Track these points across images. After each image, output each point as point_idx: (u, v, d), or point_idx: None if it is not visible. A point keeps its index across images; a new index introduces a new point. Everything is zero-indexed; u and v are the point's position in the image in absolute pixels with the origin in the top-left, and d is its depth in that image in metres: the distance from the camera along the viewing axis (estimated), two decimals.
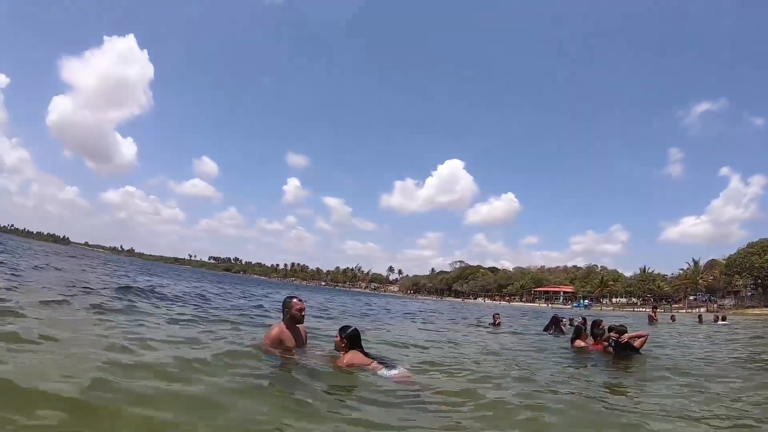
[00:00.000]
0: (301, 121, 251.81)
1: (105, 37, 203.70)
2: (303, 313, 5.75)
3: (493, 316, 16.31)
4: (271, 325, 6.19)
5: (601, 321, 9.32)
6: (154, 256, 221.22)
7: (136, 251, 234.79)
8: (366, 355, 5.40)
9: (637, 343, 8.09)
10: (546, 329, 14.01)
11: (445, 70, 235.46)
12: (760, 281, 68.23)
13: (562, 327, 13.66)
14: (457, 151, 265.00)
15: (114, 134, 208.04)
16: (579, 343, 9.16)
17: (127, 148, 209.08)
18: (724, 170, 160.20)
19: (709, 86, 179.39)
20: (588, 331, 9.40)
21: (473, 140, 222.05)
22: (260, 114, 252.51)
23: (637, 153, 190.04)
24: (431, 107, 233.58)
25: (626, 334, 7.95)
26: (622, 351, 7.91)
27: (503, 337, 12.50)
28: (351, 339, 5.40)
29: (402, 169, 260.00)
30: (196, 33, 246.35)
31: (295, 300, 5.76)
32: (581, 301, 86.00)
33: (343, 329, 5.54)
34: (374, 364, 5.24)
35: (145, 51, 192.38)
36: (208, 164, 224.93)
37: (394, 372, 5.12)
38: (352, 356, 5.27)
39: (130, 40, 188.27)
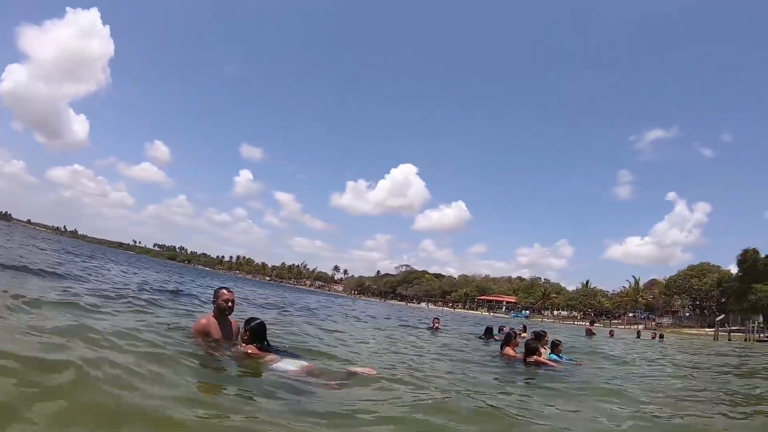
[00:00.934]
0: (259, 113, 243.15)
1: (68, 8, 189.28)
2: (230, 305, 5.51)
3: (432, 320, 16.46)
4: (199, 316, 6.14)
5: (545, 334, 9.89)
6: (97, 239, 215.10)
7: (79, 233, 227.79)
8: (267, 348, 5.14)
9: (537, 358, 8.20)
10: (482, 336, 14.06)
11: (407, 76, 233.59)
12: (697, 303, 70.18)
13: (495, 337, 13.66)
14: (412, 156, 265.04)
15: (67, 110, 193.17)
16: (508, 350, 9.05)
17: (80, 126, 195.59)
18: (671, 195, 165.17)
19: (664, 114, 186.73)
20: (518, 339, 9.62)
21: (428, 147, 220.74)
22: (218, 102, 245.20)
23: (588, 172, 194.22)
24: (389, 111, 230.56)
25: (535, 357, 8.16)
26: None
27: (435, 340, 12.77)
28: (253, 332, 5.11)
29: (356, 169, 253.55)
30: (161, 14, 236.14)
31: (223, 290, 5.59)
32: (522, 311, 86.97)
33: (247, 321, 5.26)
34: (269, 357, 5.01)
35: (108, 27, 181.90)
36: (161, 149, 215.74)
37: (290, 368, 4.80)
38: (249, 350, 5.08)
39: (93, 14, 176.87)
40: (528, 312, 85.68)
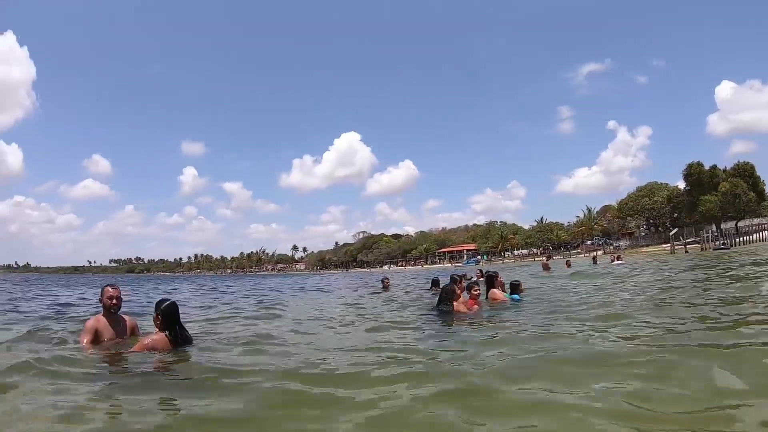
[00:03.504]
0: (194, 108, 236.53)
1: None
2: (114, 302, 5.25)
3: (382, 281, 16.46)
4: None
5: (497, 273, 9.80)
6: (51, 268, 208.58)
7: (32, 266, 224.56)
8: (179, 335, 4.87)
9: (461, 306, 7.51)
10: (429, 289, 13.76)
11: (331, 43, 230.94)
12: (651, 221, 71.21)
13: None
14: (353, 124, 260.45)
15: None
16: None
17: (13, 156, 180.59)
18: (612, 124, 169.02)
19: (595, 48, 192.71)
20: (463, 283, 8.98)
21: (367, 112, 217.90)
22: (150, 104, 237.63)
23: (528, 112, 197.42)
24: (322, 81, 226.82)
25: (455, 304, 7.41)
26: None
27: (376, 298, 12.92)
28: (165, 315, 4.82)
29: (299, 146, 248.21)
30: (78, 24, 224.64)
31: (108, 288, 5.34)
32: (473, 257, 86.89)
33: (158, 304, 4.95)
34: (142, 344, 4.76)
35: (25, 48, 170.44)
36: (100, 162, 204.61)
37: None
38: (155, 341, 4.71)
39: (8, 37, 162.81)
40: (479, 257, 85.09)
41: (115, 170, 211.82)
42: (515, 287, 9.27)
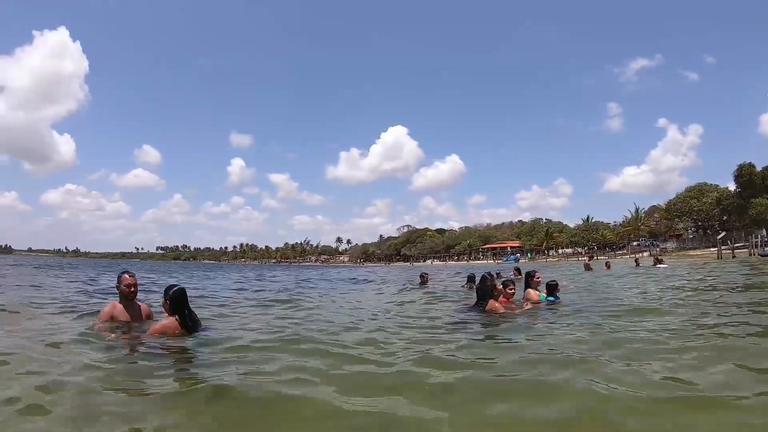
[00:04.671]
0: (243, 100, 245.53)
1: (34, 32, 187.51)
2: (132, 289, 5.51)
3: (421, 276, 15.87)
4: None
5: (535, 272, 9.20)
6: (100, 253, 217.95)
7: (81, 251, 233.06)
8: (188, 319, 5.00)
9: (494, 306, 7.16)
10: (463, 286, 13.52)
11: (379, 37, 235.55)
12: (699, 224, 69.79)
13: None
14: (400, 117, 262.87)
15: (51, 133, 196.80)
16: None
17: (66, 146, 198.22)
18: (662, 121, 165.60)
19: (645, 44, 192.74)
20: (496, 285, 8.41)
21: (415, 106, 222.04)
22: (200, 96, 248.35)
23: (576, 109, 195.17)
24: (372, 76, 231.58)
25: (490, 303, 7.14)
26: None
27: (410, 294, 12.47)
28: (173, 300, 4.93)
29: (346, 139, 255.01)
30: (129, 19, 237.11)
31: (125, 275, 5.54)
32: (511, 255, 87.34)
33: (167, 289, 5.04)
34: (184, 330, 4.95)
35: (78, 43, 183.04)
36: (150, 153, 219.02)
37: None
38: (165, 325, 4.91)
39: (62, 32, 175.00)
40: (518, 255, 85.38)
41: (164, 160, 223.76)
42: (552, 288, 8.84)
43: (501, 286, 7.51)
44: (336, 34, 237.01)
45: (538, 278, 8.99)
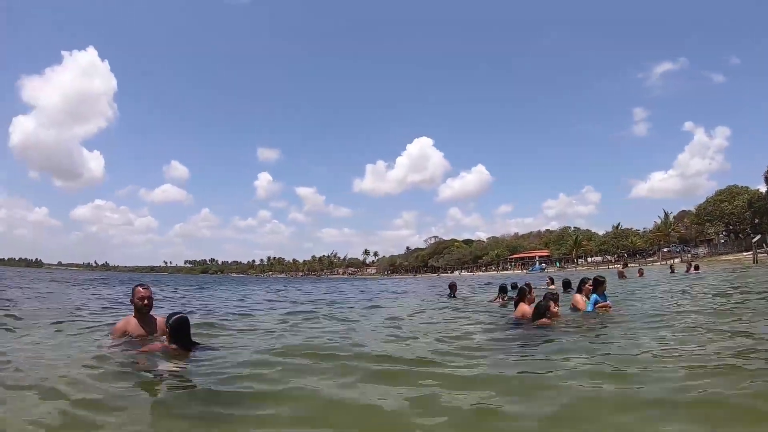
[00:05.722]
0: (270, 115, 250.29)
1: (63, 53, 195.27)
2: (145, 302, 5.44)
3: (450, 286, 15.49)
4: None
5: (588, 280, 8.90)
6: (129, 267, 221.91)
7: (110, 264, 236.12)
8: (186, 347, 4.81)
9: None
10: (495, 299, 12.94)
11: (402, 50, 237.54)
12: (731, 227, 68.58)
13: (508, 296, 12.44)
14: (426, 129, 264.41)
15: (80, 150, 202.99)
16: (524, 307, 8.05)
17: (95, 162, 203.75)
18: (688, 125, 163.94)
19: (669, 47, 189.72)
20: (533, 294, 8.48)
21: (440, 117, 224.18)
22: (227, 112, 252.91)
23: (601, 115, 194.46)
24: (396, 88, 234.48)
25: (543, 320, 7.06)
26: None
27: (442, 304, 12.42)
28: (172, 329, 4.74)
29: (372, 152, 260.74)
30: (155, 38, 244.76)
31: (139, 288, 5.50)
32: (537, 265, 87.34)
33: (168, 318, 4.93)
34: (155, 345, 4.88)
35: (107, 62, 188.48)
36: (178, 168, 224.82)
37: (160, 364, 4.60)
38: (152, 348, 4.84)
39: (90, 52, 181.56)
40: (543, 265, 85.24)
41: (192, 175, 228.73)
42: (599, 284, 8.50)
43: (556, 309, 7.28)
44: (361, 48, 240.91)
45: (590, 286, 8.71)
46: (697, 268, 27.90)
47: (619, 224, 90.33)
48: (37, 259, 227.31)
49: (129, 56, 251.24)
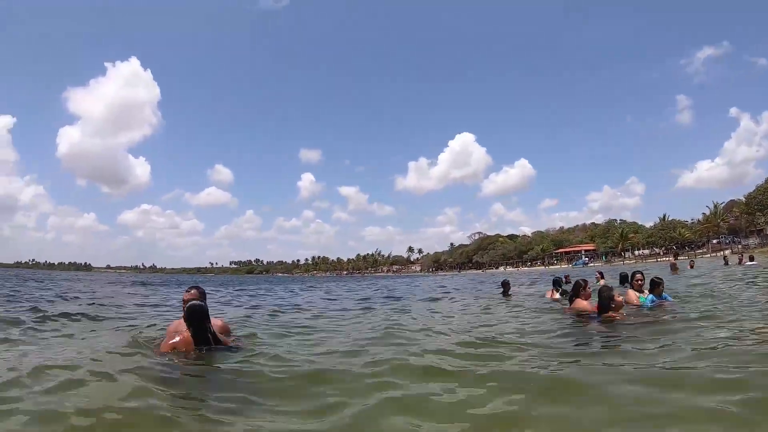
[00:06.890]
0: (311, 116, 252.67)
1: (106, 64, 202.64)
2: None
3: (503, 284, 14.04)
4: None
5: (637, 273, 8.65)
6: (176, 269, 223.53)
7: (158, 267, 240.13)
8: (205, 337, 4.85)
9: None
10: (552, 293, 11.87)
11: (442, 46, 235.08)
12: None
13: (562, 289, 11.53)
14: (467, 124, 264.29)
15: (126, 156, 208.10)
16: (579, 302, 7.68)
17: (141, 168, 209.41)
18: (734, 111, 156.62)
19: (710, 31, 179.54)
20: (589, 289, 8.05)
21: (481, 111, 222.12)
22: (269, 114, 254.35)
23: (644, 104, 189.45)
24: (435, 84, 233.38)
25: (610, 313, 6.70)
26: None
27: (490, 306, 11.16)
28: (188, 316, 4.84)
29: (414, 149, 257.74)
30: (195, 44, 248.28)
31: (186, 291, 5.47)
32: (580, 259, 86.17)
33: (185, 302, 5.09)
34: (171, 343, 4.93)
35: (149, 71, 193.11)
36: (222, 171, 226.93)
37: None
38: (176, 342, 4.89)
39: (133, 63, 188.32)
40: (586, 259, 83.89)
41: (236, 177, 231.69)
42: (655, 285, 8.15)
43: (620, 298, 6.84)
44: (399, 47, 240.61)
45: (639, 280, 8.44)
46: (751, 258, 27.21)
47: (665, 215, 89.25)
48: (86, 263, 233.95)
49: (171, 65, 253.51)
